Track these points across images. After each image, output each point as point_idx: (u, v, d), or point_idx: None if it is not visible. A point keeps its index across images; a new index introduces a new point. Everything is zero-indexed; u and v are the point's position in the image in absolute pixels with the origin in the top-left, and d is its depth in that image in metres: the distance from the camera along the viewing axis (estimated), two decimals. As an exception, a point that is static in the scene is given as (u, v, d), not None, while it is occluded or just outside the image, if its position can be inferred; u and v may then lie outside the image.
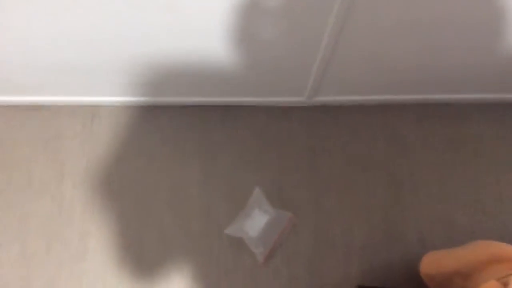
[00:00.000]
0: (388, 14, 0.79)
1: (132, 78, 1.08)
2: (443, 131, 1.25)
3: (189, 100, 1.23)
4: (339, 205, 1.18)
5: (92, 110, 1.26)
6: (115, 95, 1.19)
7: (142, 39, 0.88)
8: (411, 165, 1.22)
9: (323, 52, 0.93)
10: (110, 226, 1.17)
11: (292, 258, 1.15)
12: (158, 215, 1.18)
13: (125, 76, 1.06)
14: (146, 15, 0.79)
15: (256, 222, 1.15)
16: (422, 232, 1.16)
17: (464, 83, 1.15)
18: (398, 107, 1.26)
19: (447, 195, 1.19)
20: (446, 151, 1.23)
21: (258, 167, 1.21)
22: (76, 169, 1.21)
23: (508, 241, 1.15)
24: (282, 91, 1.18)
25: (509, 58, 0.99)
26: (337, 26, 0.82)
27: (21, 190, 1.20)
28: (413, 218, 1.17)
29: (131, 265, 1.15)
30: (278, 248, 1.16)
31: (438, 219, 1.17)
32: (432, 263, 1.07)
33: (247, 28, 0.84)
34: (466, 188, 1.20)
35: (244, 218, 1.16)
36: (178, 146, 1.23)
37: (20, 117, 1.26)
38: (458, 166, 1.22)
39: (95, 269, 1.15)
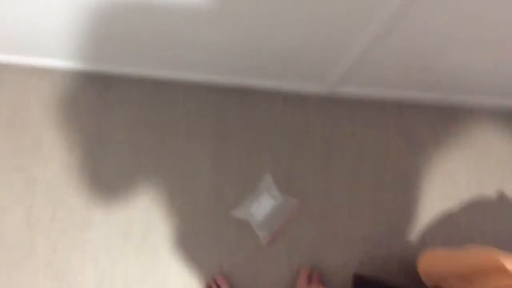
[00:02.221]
0: (447, 10, 0.77)
1: (161, 53, 1.06)
2: (455, 132, 1.26)
3: (210, 78, 1.21)
4: (346, 197, 1.20)
5: (106, 81, 1.24)
6: (131, 66, 1.17)
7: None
8: (419, 164, 1.24)
9: (360, 46, 0.92)
10: (117, 199, 1.17)
11: (294, 244, 1.18)
12: (167, 190, 1.18)
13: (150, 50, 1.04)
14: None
15: (262, 206, 1.17)
16: (424, 229, 1.19)
17: (482, 88, 1.16)
18: (415, 107, 1.27)
19: (449, 195, 1.22)
20: (455, 152, 1.25)
21: (270, 153, 1.22)
22: (87, 139, 1.20)
23: (505, 240, 1.19)
24: (305, 78, 1.16)
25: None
26: (388, 21, 0.80)
27: (30, 153, 1.19)
28: (416, 215, 1.20)
29: (137, 238, 1.16)
30: (281, 233, 1.18)
31: (440, 217, 1.20)
32: (431, 261, 1.10)
33: (288, 11, 0.82)
34: (469, 189, 1.23)
35: (251, 201, 1.17)
36: (193, 125, 1.23)
37: (32, 79, 1.24)
38: (463, 167, 1.24)
39: (99, 240, 1.15)
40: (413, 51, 0.96)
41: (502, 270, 0.90)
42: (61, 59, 1.18)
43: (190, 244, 1.16)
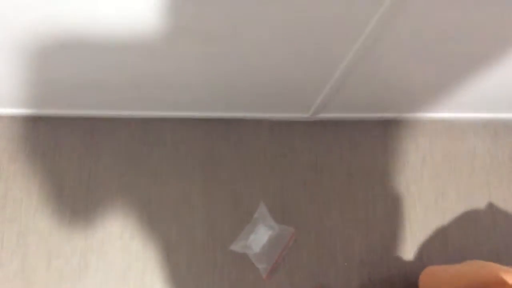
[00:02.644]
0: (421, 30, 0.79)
1: (131, 93, 1.06)
2: (442, 146, 1.29)
3: (191, 115, 1.22)
4: (341, 220, 1.21)
5: (91, 123, 1.23)
6: (116, 110, 1.17)
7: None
8: (408, 180, 1.26)
9: (339, 75, 0.94)
10: (112, 242, 1.16)
11: (295, 272, 1.18)
12: (162, 229, 1.17)
13: (123, 91, 1.04)
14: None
15: (259, 237, 1.17)
16: (420, 247, 1.21)
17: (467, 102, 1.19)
18: (397, 123, 1.29)
19: (443, 209, 1.24)
20: (444, 167, 1.27)
21: (261, 182, 1.22)
22: (75, 183, 1.19)
23: (500, 253, 1.21)
24: (287, 108, 1.18)
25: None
26: (361, 52, 0.83)
27: (19, 204, 1.17)
28: (411, 232, 1.22)
29: (134, 279, 1.14)
30: (281, 262, 1.18)
31: (434, 233, 1.22)
32: (431, 279, 1.11)
33: (267, 47, 0.84)
34: (460, 203, 1.25)
35: (248, 233, 1.17)
36: (181, 159, 1.22)
37: (23, 128, 1.22)
38: (452, 182, 1.27)
39: (97, 286, 1.14)
40: (389, 74, 0.99)
41: (503, 285, 0.91)
42: (35, 108, 1.17)
43: (190, 281, 1.15)
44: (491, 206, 1.25)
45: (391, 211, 1.23)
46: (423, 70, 0.97)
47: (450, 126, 1.30)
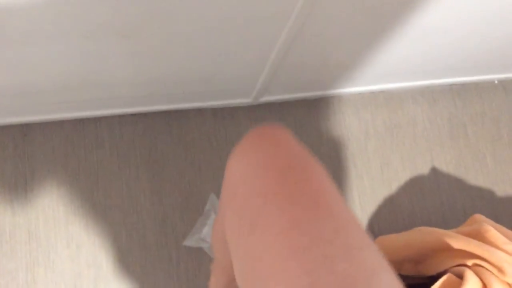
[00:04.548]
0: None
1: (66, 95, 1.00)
2: (383, 118, 1.31)
3: (127, 111, 1.17)
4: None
5: (22, 129, 1.15)
6: (47, 113, 1.10)
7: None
8: (354, 154, 1.27)
9: (275, 57, 0.92)
10: (59, 253, 1.11)
11: (252, 258, 1.17)
12: (112, 232, 1.13)
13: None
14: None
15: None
16: (370, 218, 1.23)
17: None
18: (339, 99, 1.30)
19: (389, 179, 1.27)
20: (386, 138, 1.30)
21: (210, 171, 1.20)
22: (12, 196, 1.12)
23: (447, 215, 1.26)
24: (228, 95, 1.16)
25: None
26: (294, 31, 0.81)
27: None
28: (361, 205, 1.24)
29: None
30: (237, 250, 1.17)
31: (382, 203, 1.25)
32: (383, 249, 1.14)
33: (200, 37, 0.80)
34: (404, 171, 1.29)
35: (201, 226, 1.15)
36: (124, 158, 1.17)
37: None
38: (396, 151, 1.30)
39: (49, 299, 1.09)
40: (324, 50, 0.98)
41: (449, 250, 0.94)
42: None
43: (146, 283, 1.12)
44: (434, 170, 1.30)
45: (339, 186, 1.24)
46: (356, 44, 0.97)
47: (390, 97, 1.32)
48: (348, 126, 1.29)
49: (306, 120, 1.28)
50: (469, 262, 0.87)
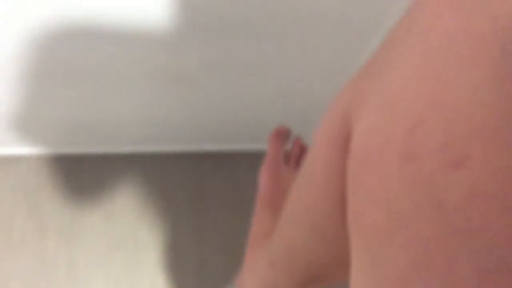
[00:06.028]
0: None
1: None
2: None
3: (178, 148, 1.16)
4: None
5: (73, 162, 1.16)
6: (98, 146, 1.11)
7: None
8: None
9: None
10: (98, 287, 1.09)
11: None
12: (150, 276, 1.10)
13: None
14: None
15: None
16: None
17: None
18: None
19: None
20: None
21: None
22: (58, 224, 1.12)
23: None
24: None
25: None
26: None
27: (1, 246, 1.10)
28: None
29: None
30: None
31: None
32: None
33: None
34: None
35: None
36: (168, 199, 1.15)
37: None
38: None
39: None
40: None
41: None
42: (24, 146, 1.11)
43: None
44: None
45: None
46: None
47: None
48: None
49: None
50: None
